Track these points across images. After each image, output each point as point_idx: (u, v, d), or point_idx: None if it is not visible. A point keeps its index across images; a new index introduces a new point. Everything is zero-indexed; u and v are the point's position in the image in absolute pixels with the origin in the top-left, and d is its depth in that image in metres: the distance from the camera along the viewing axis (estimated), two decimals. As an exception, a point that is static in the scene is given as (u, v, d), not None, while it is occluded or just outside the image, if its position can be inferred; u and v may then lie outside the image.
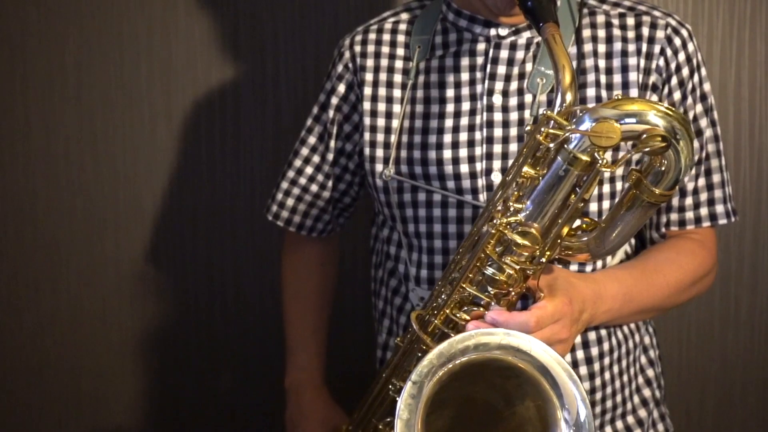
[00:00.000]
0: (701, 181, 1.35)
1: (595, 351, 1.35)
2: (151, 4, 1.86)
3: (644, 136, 1.02)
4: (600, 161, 1.04)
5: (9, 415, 1.96)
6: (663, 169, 1.06)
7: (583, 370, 1.35)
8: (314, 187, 1.49)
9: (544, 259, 1.12)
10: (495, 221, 1.11)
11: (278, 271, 1.63)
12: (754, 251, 1.89)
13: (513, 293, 1.14)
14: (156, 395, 1.96)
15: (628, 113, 1.02)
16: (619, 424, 1.40)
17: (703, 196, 1.35)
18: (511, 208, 1.11)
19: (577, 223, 1.15)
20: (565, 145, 1.05)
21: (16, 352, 1.95)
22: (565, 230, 1.12)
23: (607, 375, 1.37)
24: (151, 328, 1.94)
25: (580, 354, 1.35)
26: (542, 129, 1.08)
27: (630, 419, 1.41)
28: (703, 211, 1.35)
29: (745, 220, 1.87)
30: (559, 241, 1.12)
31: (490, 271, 1.12)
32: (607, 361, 1.36)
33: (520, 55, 1.31)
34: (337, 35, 1.84)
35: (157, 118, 1.89)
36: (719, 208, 1.36)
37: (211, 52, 1.87)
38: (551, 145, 1.07)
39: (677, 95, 1.31)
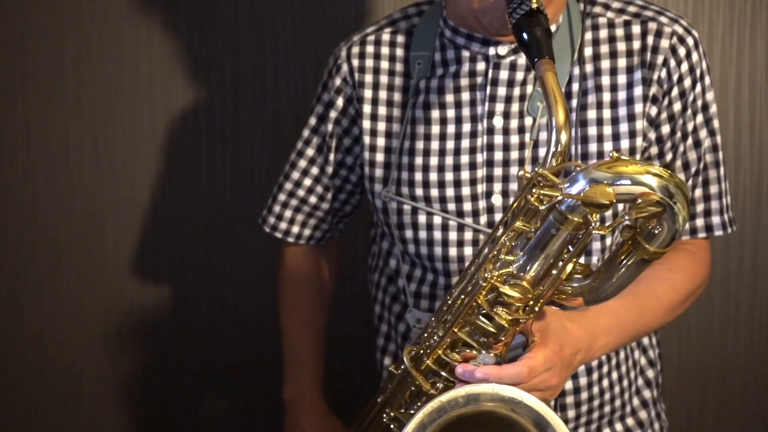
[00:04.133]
0: (698, 192, 1.33)
1: (594, 361, 1.34)
2: (151, 4, 1.86)
3: (640, 201, 1.00)
4: (592, 223, 1.02)
5: (9, 415, 1.96)
6: (657, 231, 1.03)
7: (583, 380, 1.34)
8: (313, 199, 1.48)
9: (537, 308, 1.10)
10: (487, 274, 1.10)
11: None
12: (754, 251, 1.89)
13: (505, 340, 1.13)
14: (156, 395, 1.96)
15: (622, 176, 0.99)
16: (619, 426, 1.39)
17: (700, 207, 1.33)
18: (503, 260, 1.10)
19: (571, 267, 1.13)
20: (558, 206, 1.03)
21: (16, 352, 1.95)
22: (563, 277, 1.10)
23: (605, 382, 1.36)
24: (150, 328, 1.94)
25: (580, 366, 1.32)
26: (534, 190, 1.05)
27: (630, 421, 1.40)
28: (699, 222, 1.34)
29: (745, 220, 1.87)
30: (551, 291, 1.10)
31: (482, 321, 1.11)
32: (605, 368, 1.36)
33: (520, 75, 1.29)
34: (336, 35, 1.84)
35: (157, 118, 1.89)
36: (715, 219, 1.34)
37: (210, 53, 1.87)
38: (543, 207, 1.05)
39: (677, 106, 1.29)
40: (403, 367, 1.22)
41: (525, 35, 1.10)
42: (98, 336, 1.94)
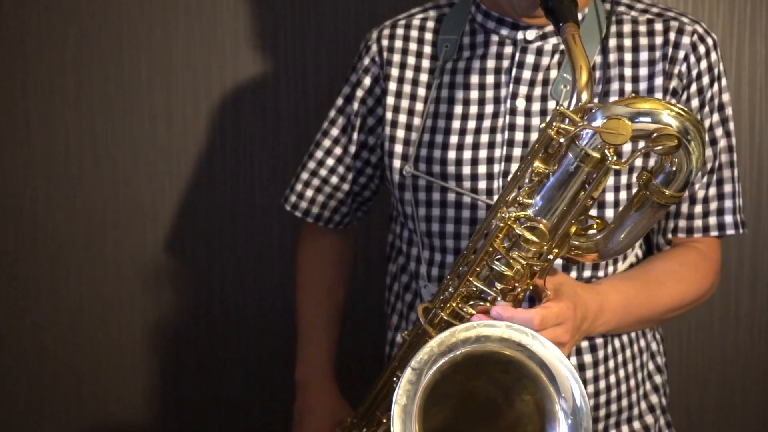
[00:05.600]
0: (712, 190, 1.35)
1: (601, 354, 1.35)
2: (151, 4, 1.86)
3: (655, 135, 1.02)
4: (610, 158, 1.04)
5: (9, 415, 1.96)
6: (674, 169, 1.06)
7: (589, 373, 1.35)
8: (335, 179, 1.49)
9: (551, 256, 1.12)
10: (504, 215, 1.12)
11: (278, 270, 1.63)
12: (754, 251, 1.89)
13: (519, 290, 1.14)
14: (156, 395, 1.96)
15: (640, 111, 1.02)
16: (625, 429, 1.40)
17: (713, 205, 1.35)
18: (521, 203, 1.12)
19: (587, 223, 1.15)
20: (576, 141, 1.05)
21: (16, 352, 1.95)
22: (574, 229, 1.12)
23: (612, 378, 1.37)
24: (150, 327, 1.94)
25: (588, 358, 1.35)
26: (554, 124, 1.08)
27: (636, 424, 1.41)
28: (712, 220, 1.35)
29: (745, 220, 1.87)
30: (567, 238, 1.12)
31: (497, 265, 1.12)
32: (612, 363, 1.36)
33: (545, 60, 1.31)
34: (337, 35, 1.84)
35: (157, 118, 1.89)
36: (728, 219, 1.36)
37: (211, 52, 1.87)
38: (562, 140, 1.08)
39: (695, 103, 1.32)
40: (417, 324, 1.23)
41: (550, 2, 1.14)
42: (98, 336, 1.94)
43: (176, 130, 1.89)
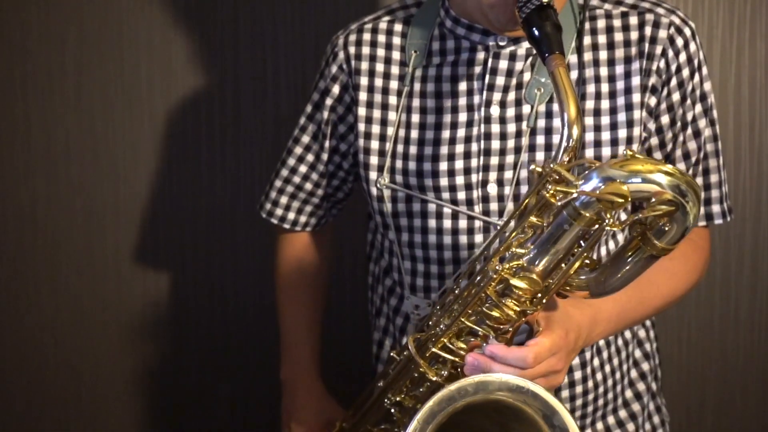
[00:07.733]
0: (699, 181, 1.33)
1: (588, 354, 1.35)
2: (151, 4, 1.86)
3: (653, 199, 1.01)
4: (606, 220, 1.03)
5: (9, 415, 1.96)
6: (667, 228, 1.04)
7: (578, 374, 1.35)
8: (308, 185, 1.49)
9: (544, 300, 1.11)
10: (497, 267, 1.10)
11: (278, 270, 1.63)
12: (754, 251, 1.89)
13: (511, 329, 1.14)
14: (155, 395, 1.97)
15: (636, 174, 1.00)
16: (611, 419, 1.40)
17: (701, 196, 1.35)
18: (515, 253, 1.10)
19: (581, 262, 1.14)
20: (572, 202, 1.04)
21: (16, 352, 1.95)
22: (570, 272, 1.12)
23: (599, 375, 1.37)
24: (150, 328, 1.94)
25: (574, 359, 1.33)
26: (549, 186, 1.06)
27: (622, 413, 1.41)
28: (700, 210, 1.35)
29: (745, 220, 1.87)
30: (561, 282, 1.11)
31: (490, 310, 1.12)
32: (596, 362, 1.36)
33: (519, 65, 1.29)
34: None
35: (157, 118, 1.89)
36: (715, 208, 1.35)
37: (210, 53, 1.87)
38: (559, 203, 1.05)
39: (676, 96, 1.29)
40: (406, 353, 1.22)
41: (535, 31, 1.11)
42: (98, 336, 1.94)
43: (176, 130, 1.89)
